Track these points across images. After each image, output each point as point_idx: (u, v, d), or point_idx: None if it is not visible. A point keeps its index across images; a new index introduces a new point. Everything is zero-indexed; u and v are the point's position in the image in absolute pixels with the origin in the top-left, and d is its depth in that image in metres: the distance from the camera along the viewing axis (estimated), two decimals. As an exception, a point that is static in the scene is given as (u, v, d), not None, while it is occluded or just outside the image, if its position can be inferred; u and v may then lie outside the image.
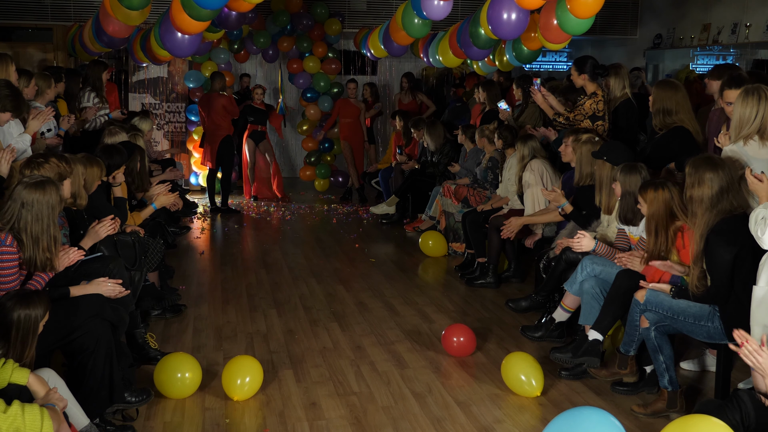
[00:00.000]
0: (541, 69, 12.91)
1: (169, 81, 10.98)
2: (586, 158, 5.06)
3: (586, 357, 4.35)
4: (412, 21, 6.86)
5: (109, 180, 4.96)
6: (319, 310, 5.75)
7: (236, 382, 4.09)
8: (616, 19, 11.76)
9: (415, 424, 3.90)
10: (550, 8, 5.88)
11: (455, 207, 7.41)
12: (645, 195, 4.08)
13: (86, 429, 3.33)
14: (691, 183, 3.76)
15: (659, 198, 4.02)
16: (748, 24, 9.23)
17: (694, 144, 4.93)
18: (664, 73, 11.44)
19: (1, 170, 4.35)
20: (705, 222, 3.70)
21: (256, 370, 4.17)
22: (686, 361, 4.64)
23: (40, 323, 3.15)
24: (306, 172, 11.39)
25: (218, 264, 7.21)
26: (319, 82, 10.96)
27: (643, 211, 4.13)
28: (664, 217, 4.03)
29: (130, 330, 4.46)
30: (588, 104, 5.73)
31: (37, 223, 3.49)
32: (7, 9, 10.29)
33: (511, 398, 4.21)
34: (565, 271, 4.93)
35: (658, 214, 4.03)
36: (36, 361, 3.23)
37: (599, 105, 5.72)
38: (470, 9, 10.55)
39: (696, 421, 2.83)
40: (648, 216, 4.09)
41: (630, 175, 4.42)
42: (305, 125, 11.27)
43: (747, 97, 3.97)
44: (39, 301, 3.16)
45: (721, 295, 3.71)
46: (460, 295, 6.17)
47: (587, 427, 2.80)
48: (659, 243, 4.05)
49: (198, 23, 5.99)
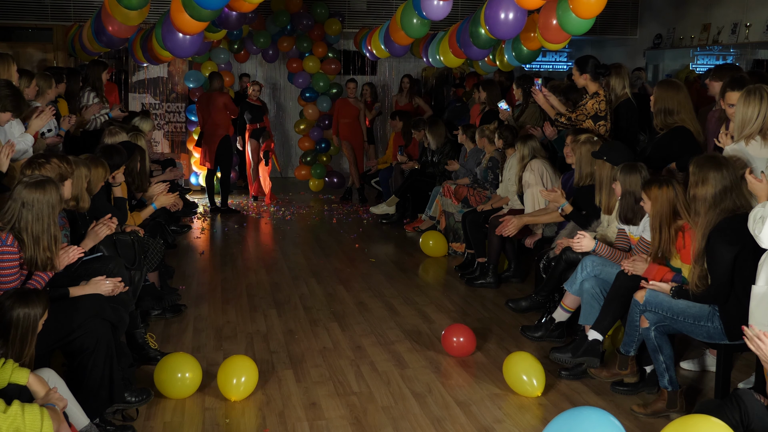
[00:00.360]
0: (541, 69, 12.91)
1: (169, 81, 10.99)
2: (585, 158, 5.06)
3: (586, 357, 4.35)
4: (411, 21, 6.86)
5: (108, 180, 4.96)
6: (319, 310, 5.76)
7: (232, 383, 4.08)
8: (616, 19, 11.77)
9: (415, 424, 3.90)
10: (549, 8, 5.88)
11: (455, 207, 7.41)
12: (649, 192, 4.07)
13: (86, 429, 3.33)
14: (695, 182, 3.76)
15: (663, 195, 4.01)
16: (748, 24, 9.23)
17: (695, 144, 4.93)
18: (664, 73, 11.44)
19: (1, 164, 4.34)
20: (707, 221, 3.71)
21: (251, 369, 4.16)
22: (686, 361, 4.64)
23: (39, 322, 3.15)
24: (301, 171, 11.39)
25: (218, 264, 7.21)
26: (318, 82, 10.97)
27: (646, 208, 4.12)
28: (667, 215, 4.02)
29: (130, 330, 4.46)
30: (590, 104, 5.71)
31: (38, 222, 3.49)
32: (7, 9, 10.29)
33: (511, 398, 4.21)
34: (565, 271, 4.93)
35: (662, 212, 4.02)
36: (36, 361, 3.23)
37: (601, 105, 5.69)
38: (470, 9, 10.55)
39: (696, 421, 2.83)
40: (652, 213, 4.08)
41: (630, 175, 4.41)
42: (302, 125, 11.27)
43: (749, 97, 3.97)
44: (38, 299, 3.16)
45: (721, 294, 3.71)
46: (460, 295, 6.17)
47: (587, 427, 2.80)
48: (663, 240, 4.04)
49: (198, 23, 5.99)
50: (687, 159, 4.49)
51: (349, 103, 10.41)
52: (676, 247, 4.06)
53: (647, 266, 4.12)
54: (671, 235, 4.04)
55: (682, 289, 3.87)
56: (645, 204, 4.12)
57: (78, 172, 4.27)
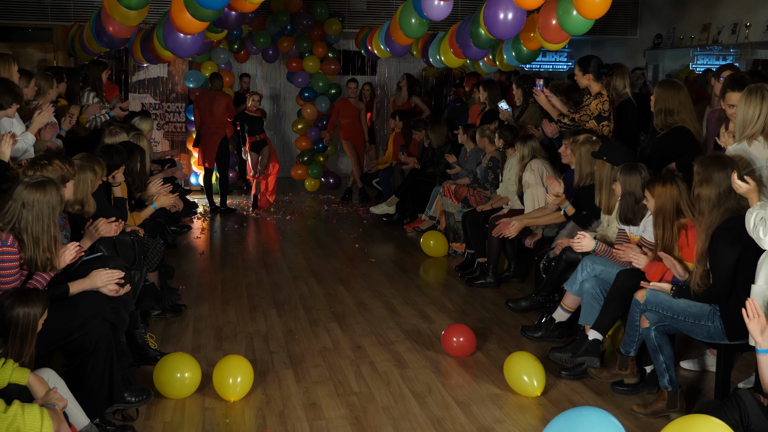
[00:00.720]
0: (541, 69, 12.91)
1: (169, 81, 10.98)
2: (585, 158, 5.06)
3: (586, 357, 4.35)
4: (410, 21, 6.85)
5: (108, 180, 4.96)
6: (319, 310, 5.75)
7: (228, 383, 4.08)
8: (616, 19, 11.77)
9: (415, 424, 3.90)
10: (549, 8, 5.88)
11: (455, 207, 7.41)
12: (653, 189, 4.06)
13: (86, 429, 3.33)
14: (699, 181, 3.76)
15: (667, 193, 4.00)
16: (748, 24, 9.23)
17: (696, 144, 4.92)
18: (664, 73, 11.44)
19: (2, 152, 4.33)
20: (711, 220, 3.71)
21: (246, 368, 4.15)
22: (686, 360, 4.64)
23: (39, 321, 3.16)
24: (297, 171, 11.39)
25: (218, 264, 7.21)
26: (317, 82, 10.96)
27: (650, 205, 4.11)
28: (671, 212, 4.01)
29: (130, 330, 4.45)
30: (594, 104, 5.64)
31: (38, 223, 3.49)
32: (7, 9, 10.29)
33: (511, 398, 4.21)
34: (565, 271, 4.93)
35: (665, 209, 4.02)
36: (36, 361, 3.23)
37: (605, 105, 5.62)
38: (470, 9, 10.55)
39: (696, 421, 2.83)
40: (655, 210, 4.07)
41: (630, 176, 4.41)
42: (300, 124, 11.27)
43: (750, 96, 3.96)
44: (37, 299, 3.16)
45: (723, 294, 3.71)
46: (460, 295, 6.17)
47: (587, 427, 2.80)
48: (665, 237, 4.04)
49: (199, 23, 5.98)
50: (687, 159, 4.49)
51: (350, 103, 10.41)
52: (679, 245, 4.06)
53: (648, 262, 4.12)
54: (674, 232, 4.03)
55: (683, 288, 3.87)
56: (648, 202, 4.12)
57: (84, 176, 4.28)
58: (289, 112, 12.66)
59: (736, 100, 4.21)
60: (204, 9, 5.63)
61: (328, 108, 10.99)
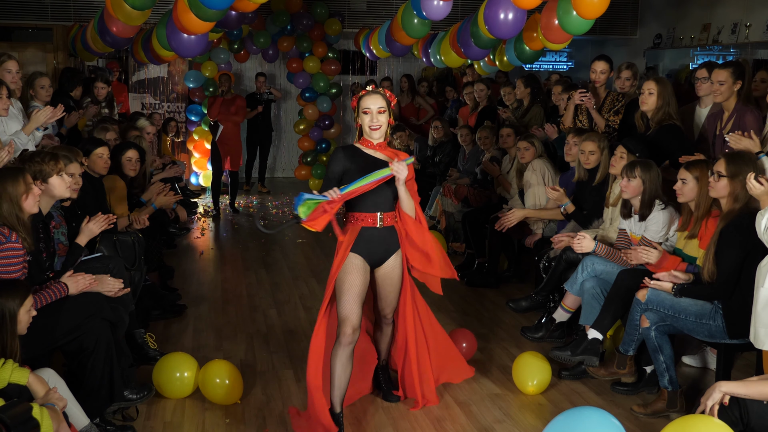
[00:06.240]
0: (541, 69, 12.90)
1: (169, 81, 10.99)
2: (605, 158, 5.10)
3: (585, 355, 4.34)
4: (412, 21, 6.85)
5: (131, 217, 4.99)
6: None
7: (215, 382, 4.06)
8: (616, 19, 11.76)
9: (415, 424, 3.90)
10: (551, 8, 5.88)
11: (455, 207, 7.40)
12: (694, 171, 4.00)
13: (86, 429, 3.33)
14: (729, 175, 3.75)
15: (707, 177, 3.93)
16: (748, 24, 9.23)
17: (688, 142, 4.93)
18: (664, 73, 11.44)
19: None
20: (728, 214, 3.73)
21: (234, 373, 4.11)
22: (688, 355, 4.65)
23: (18, 312, 3.10)
24: (301, 171, 11.39)
25: (218, 264, 7.21)
26: (318, 83, 10.97)
27: (686, 189, 4.03)
28: (707, 195, 3.97)
29: (130, 330, 4.45)
30: (609, 100, 5.78)
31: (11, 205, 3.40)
32: (7, 9, 10.29)
33: (511, 398, 4.21)
34: (565, 271, 4.93)
35: (706, 191, 3.96)
36: (36, 361, 3.23)
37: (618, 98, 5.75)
38: (470, 9, 10.54)
39: (696, 421, 2.84)
40: (697, 191, 4.00)
41: (650, 172, 4.36)
42: (302, 125, 11.26)
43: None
44: (15, 290, 3.12)
45: (726, 290, 3.72)
46: (460, 295, 6.16)
47: (587, 427, 2.80)
48: (700, 218, 4.00)
49: (204, 23, 5.98)
50: (681, 155, 4.50)
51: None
52: (699, 234, 4.04)
53: (661, 255, 4.10)
54: (707, 216, 4.00)
55: (684, 287, 3.87)
56: (686, 185, 4.03)
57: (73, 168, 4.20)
58: (289, 112, 12.65)
59: (723, 76, 4.60)
60: (208, 9, 5.62)
61: (329, 108, 10.98)
